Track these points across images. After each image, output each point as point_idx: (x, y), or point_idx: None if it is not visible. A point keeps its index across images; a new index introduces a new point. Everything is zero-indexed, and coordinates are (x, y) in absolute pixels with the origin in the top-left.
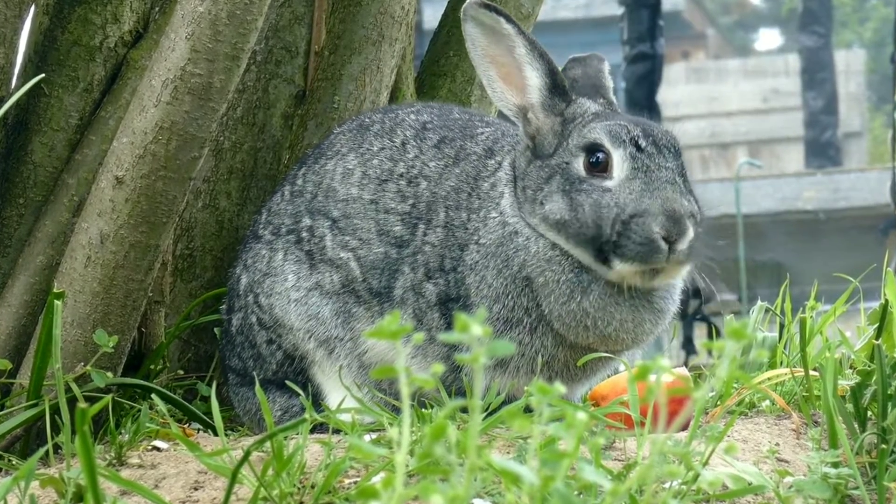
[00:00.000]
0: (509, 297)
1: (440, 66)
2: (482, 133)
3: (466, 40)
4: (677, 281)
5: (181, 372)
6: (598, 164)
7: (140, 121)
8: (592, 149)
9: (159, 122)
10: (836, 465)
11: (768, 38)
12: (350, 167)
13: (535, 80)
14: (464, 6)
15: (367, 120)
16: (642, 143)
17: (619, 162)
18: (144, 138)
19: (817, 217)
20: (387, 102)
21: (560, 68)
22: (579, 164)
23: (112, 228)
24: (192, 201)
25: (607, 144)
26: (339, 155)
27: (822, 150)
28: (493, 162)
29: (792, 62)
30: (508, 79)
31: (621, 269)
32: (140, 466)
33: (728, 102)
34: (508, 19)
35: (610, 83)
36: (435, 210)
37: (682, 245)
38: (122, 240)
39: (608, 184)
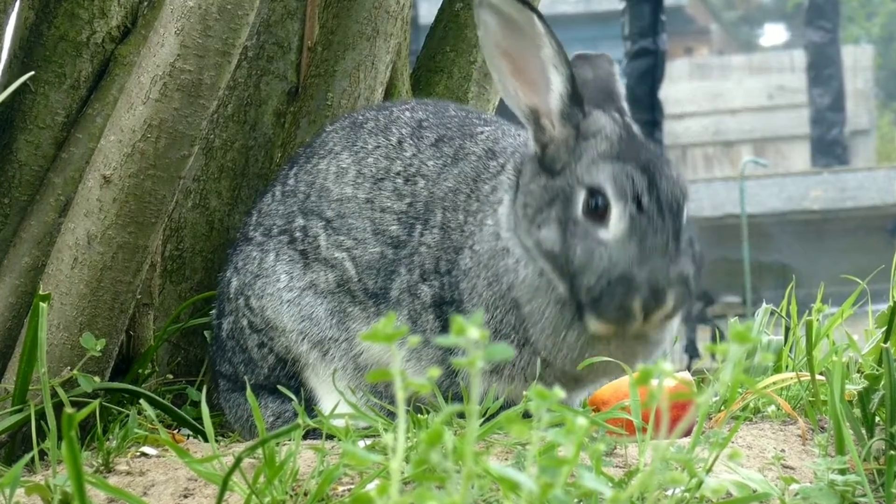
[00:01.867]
0: (498, 310)
1: (436, 63)
2: (482, 132)
3: (479, 27)
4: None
5: (170, 376)
6: (597, 209)
7: (128, 118)
8: (595, 192)
9: (148, 119)
10: (843, 471)
11: (774, 33)
12: (344, 166)
13: (558, 85)
14: None
15: (360, 117)
16: (645, 200)
17: (617, 217)
18: (133, 136)
19: (824, 217)
20: (381, 99)
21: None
22: (580, 201)
23: (99, 229)
24: (182, 201)
25: (609, 195)
26: (333, 154)
27: (829, 148)
28: (494, 164)
29: (798, 58)
30: (523, 77)
31: (593, 325)
32: (128, 473)
33: (732, 99)
34: (540, 17)
35: (622, 89)
36: (432, 210)
37: (657, 316)
38: (110, 240)
39: (603, 235)
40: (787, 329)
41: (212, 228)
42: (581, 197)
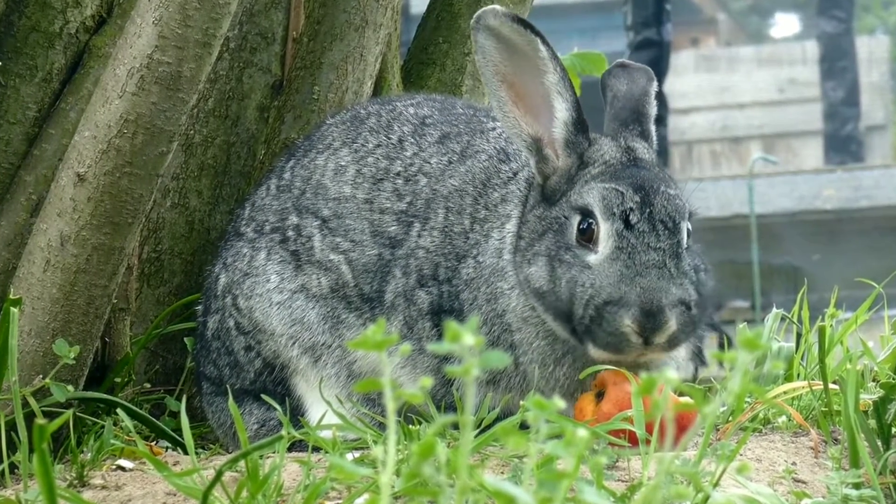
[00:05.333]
0: (495, 327)
1: (429, 54)
2: (494, 129)
3: (476, 52)
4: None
5: (148, 385)
6: (586, 233)
7: (103, 113)
8: (584, 213)
9: (124, 114)
10: (857, 485)
11: (785, 23)
12: (343, 164)
13: (562, 112)
14: (479, 13)
15: (362, 112)
16: (634, 218)
17: (605, 237)
18: (108, 132)
19: (837, 217)
20: (371, 93)
21: (603, 70)
22: (573, 227)
23: (73, 230)
24: (160, 200)
25: (597, 213)
26: (331, 149)
27: (843, 144)
28: (507, 168)
29: (810, 49)
30: (525, 104)
31: (594, 353)
32: (104, 487)
33: (741, 93)
34: (544, 40)
35: (653, 111)
36: (434, 209)
37: (660, 339)
38: (84, 242)
39: (590, 259)
40: (799, 335)
41: (192, 229)
42: (575, 221)
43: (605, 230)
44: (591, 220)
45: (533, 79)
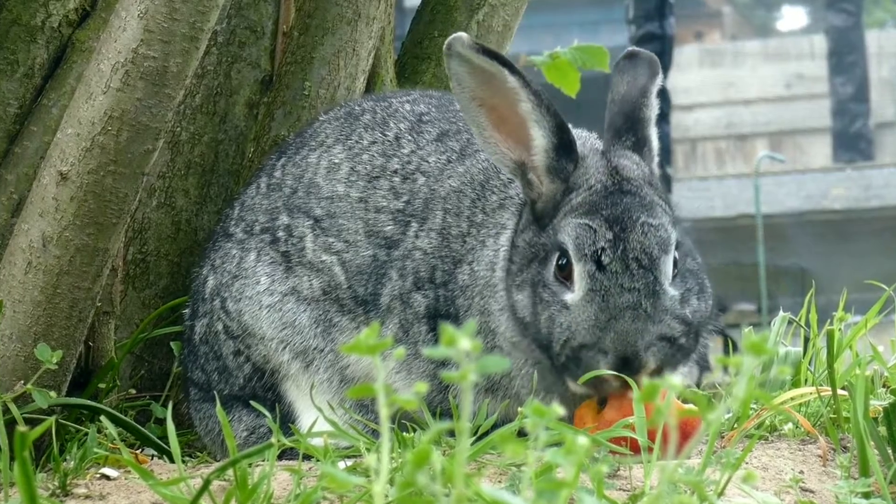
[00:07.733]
0: (488, 337)
1: (423, 49)
2: None
3: (451, 80)
4: None
5: (133, 391)
6: (564, 269)
7: (87, 109)
8: (562, 252)
9: (109, 110)
10: (867, 495)
11: (792, 16)
12: (336, 161)
13: (541, 140)
14: (449, 40)
15: (356, 108)
16: (606, 258)
17: (579, 278)
18: (92, 129)
19: (846, 217)
20: (364, 88)
21: (609, 61)
22: (552, 263)
23: (56, 230)
24: (146, 200)
25: (571, 253)
26: (324, 146)
27: (852, 142)
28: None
29: (818, 44)
30: (506, 129)
31: (573, 386)
32: (87, 497)
33: (746, 89)
34: (513, 70)
35: (652, 114)
36: (432, 210)
37: (639, 378)
38: (67, 243)
39: (568, 298)
40: (807, 339)
41: (178, 229)
42: (554, 258)
43: (578, 271)
44: (567, 259)
45: (509, 106)
